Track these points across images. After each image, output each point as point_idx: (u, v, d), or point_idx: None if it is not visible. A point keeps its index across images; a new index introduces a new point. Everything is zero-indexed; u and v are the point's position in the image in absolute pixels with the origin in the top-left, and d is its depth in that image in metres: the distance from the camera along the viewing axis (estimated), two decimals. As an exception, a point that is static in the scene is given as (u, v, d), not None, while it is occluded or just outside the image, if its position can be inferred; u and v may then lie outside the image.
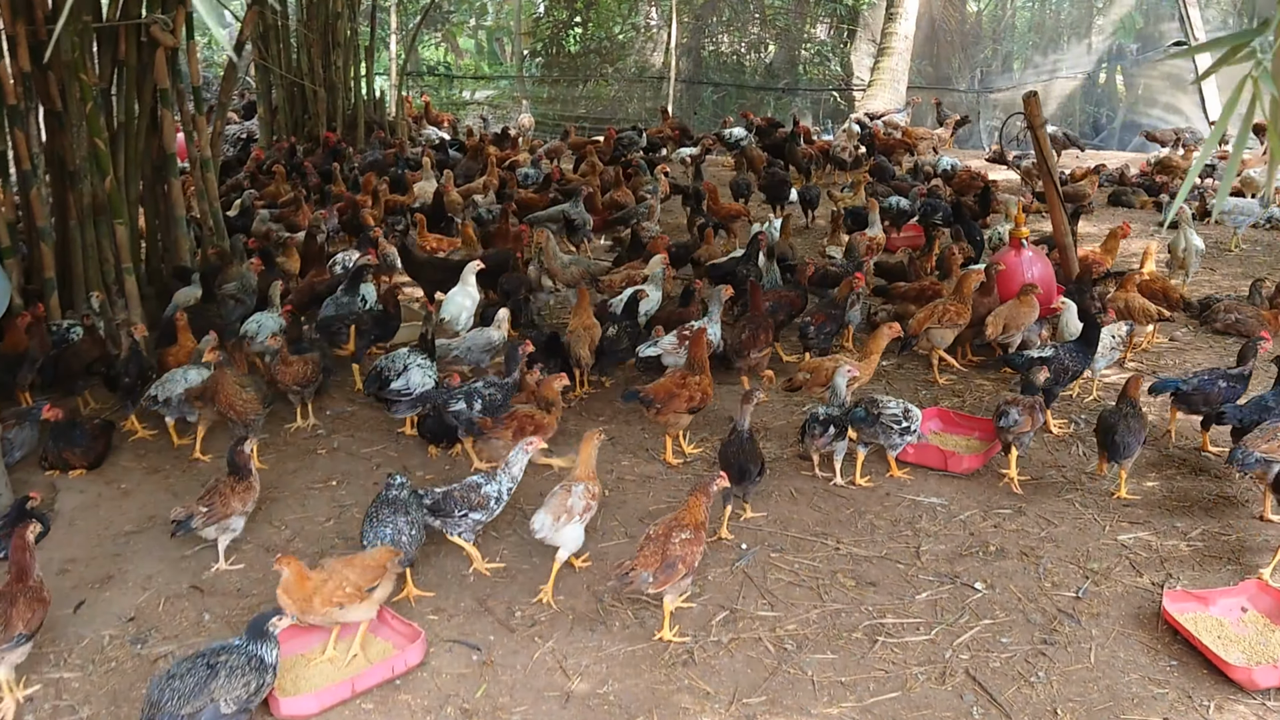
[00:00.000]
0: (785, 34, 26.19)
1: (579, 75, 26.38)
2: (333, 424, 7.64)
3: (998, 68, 24.13)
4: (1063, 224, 8.71)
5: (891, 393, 7.73)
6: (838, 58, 25.32)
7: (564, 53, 27.10)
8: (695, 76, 25.32)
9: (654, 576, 4.90)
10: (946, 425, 7.32)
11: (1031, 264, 8.59)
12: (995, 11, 25.86)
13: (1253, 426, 6.17)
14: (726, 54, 26.32)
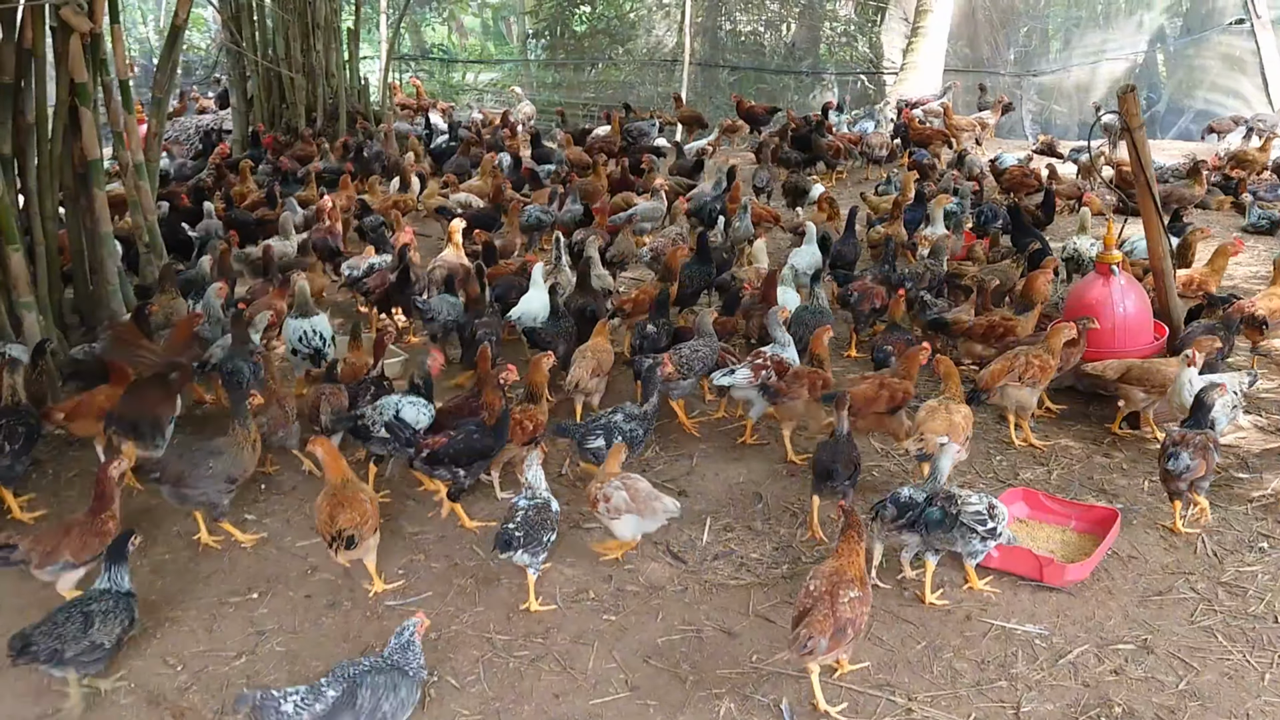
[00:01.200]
0: (808, 11, 24.45)
1: (585, 58, 24.70)
2: (266, 501, 6.16)
3: (1038, 48, 22.44)
4: (1160, 245, 7.14)
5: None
6: (866, 38, 23.58)
7: (569, 34, 25.40)
8: (711, 59, 23.62)
9: (826, 642, 4.22)
10: (1035, 511, 5.78)
11: (1124, 296, 7.03)
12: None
13: None
14: (745, 33, 24.58)
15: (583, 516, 5.83)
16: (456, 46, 31.77)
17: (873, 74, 22.79)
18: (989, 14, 22.24)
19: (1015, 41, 22.66)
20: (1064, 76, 21.23)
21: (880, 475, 6.34)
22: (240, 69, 15.53)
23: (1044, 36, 23.15)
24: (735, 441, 6.74)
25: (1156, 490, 5.95)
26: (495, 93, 24.95)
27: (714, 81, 23.54)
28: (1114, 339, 6.98)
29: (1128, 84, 7.32)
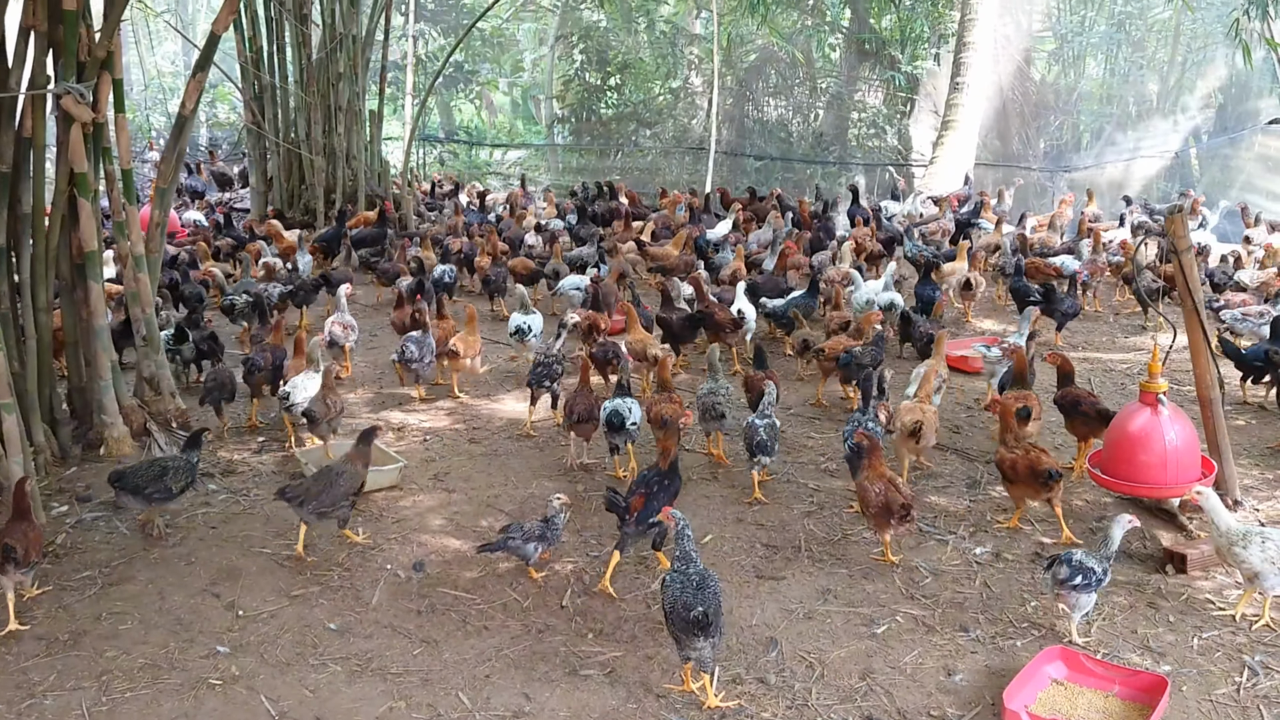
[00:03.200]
0: (836, 100, 24.30)
1: (611, 142, 24.61)
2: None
3: (1069, 142, 22.18)
4: (1208, 374, 6.69)
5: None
6: (895, 129, 23.36)
7: (596, 118, 25.33)
8: (738, 146, 23.47)
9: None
10: (1074, 672, 5.26)
11: (1170, 427, 6.57)
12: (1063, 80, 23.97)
13: None
14: (771, 121, 24.42)
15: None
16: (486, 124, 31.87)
17: (901, 165, 22.55)
18: (1020, 107, 22.03)
19: (1046, 136, 22.41)
20: (1097, 172, 20.91)
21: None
22: (261, 149, 15.40)
23: (1076, 131, 22.90)
24: (753, 575, 6.28)
25: (1208, 650, 5.44)
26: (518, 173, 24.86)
27: (740, 168, 23.36)
28: (1165, 473, 6.50)
29: (1176, 204, 6.93)
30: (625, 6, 25.63)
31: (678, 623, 4.87)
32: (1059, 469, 6.59)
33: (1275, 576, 5.53)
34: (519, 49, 31.50)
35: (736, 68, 24.32)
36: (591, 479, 7.63)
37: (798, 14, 23.11)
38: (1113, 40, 23.58)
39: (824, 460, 8.00)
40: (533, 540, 6.05)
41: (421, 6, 25.01)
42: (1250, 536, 5.58)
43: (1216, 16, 21.45)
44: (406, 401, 9.28)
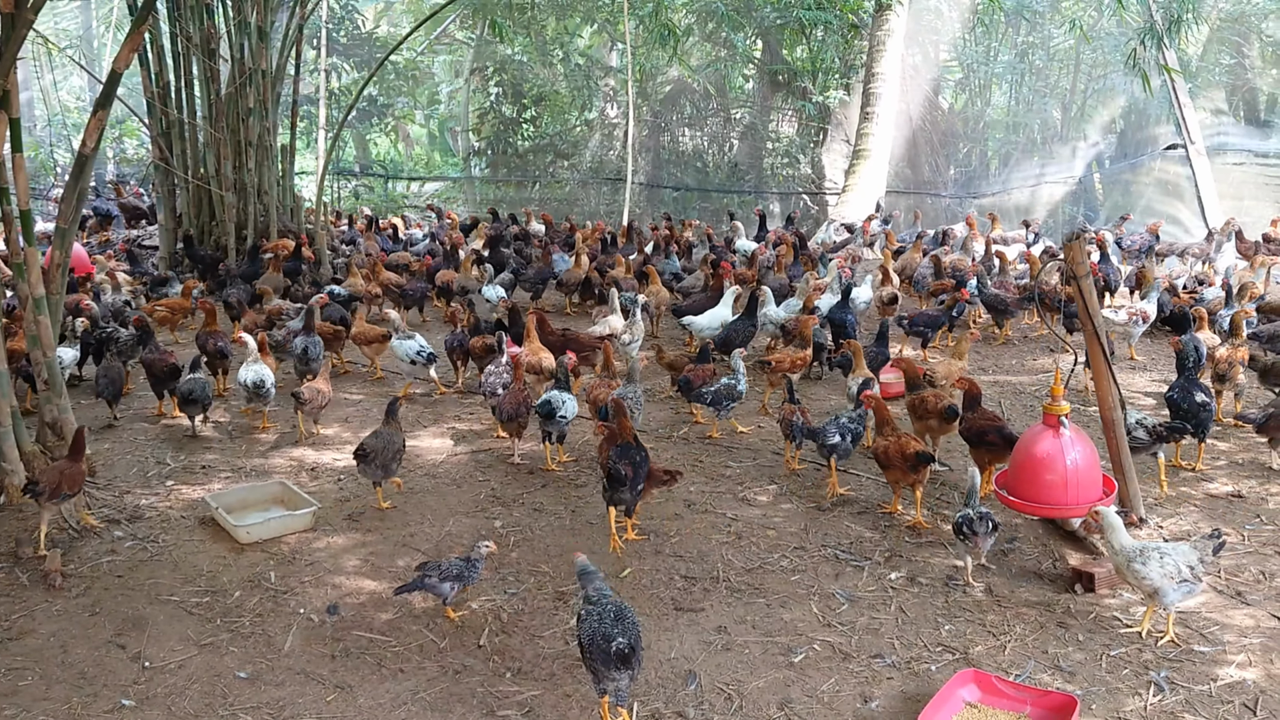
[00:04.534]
0: (750, 131, 24.61)
1: (529, 174, 24.64)
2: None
3: (978, 170, 22.72)
4: (1110, 396, 6.86)
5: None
6: (808, 158, 23.71)
7: (512, 150, 25.34)
8: (655, 177, 23.64)
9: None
10: (987, 695, 5.33)
11: (1071, 448, 6.72)
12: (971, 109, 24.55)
13: None
14: (687, 152, 24.66)
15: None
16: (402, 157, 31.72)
17: (815, 194, 22.88)
18: (929, 135, 22.50)
19: (956, 163, 22.91)
20: (1004, 198, 21.43)
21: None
22: (169, 185, 15.14)
23: (984, 158, 23.45)
24: (672, 607, 6.27)
25: (1116, 667, 5.55)
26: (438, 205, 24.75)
27: (657, 198, 23.52)
28: (1065, 493, 6.65)
29: (1074, 231, 7.13)
30: (541, 39, 25.71)
31: (598, 655, 4.83)
32: (928, 453, 7.08)
33: (1175, 592, 5.67)
34: (435, 82, 31.43)
35: (651, 99, 24.52)
36: (510, 514, 7.58)
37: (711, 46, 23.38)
38: (1016, 69, 24.22)
39: (741, 489, 8.04)
40: (449, 579, 5.99)
41: (334, 40, 24.82)
42: (1148, 553, 5.71)
43: (1114, 46, 22.18)
44: (320, 442, 9.15)
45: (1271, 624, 6.00)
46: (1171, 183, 20.48)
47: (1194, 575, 5.69)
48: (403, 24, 29.00)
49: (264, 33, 15.14)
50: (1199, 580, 5.74)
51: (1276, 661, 5.62)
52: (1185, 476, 8.23)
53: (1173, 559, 5.67)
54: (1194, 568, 5.70)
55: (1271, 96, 23.37)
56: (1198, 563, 5.72)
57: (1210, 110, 21.83)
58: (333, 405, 10.13)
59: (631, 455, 6.93)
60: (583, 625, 4.99)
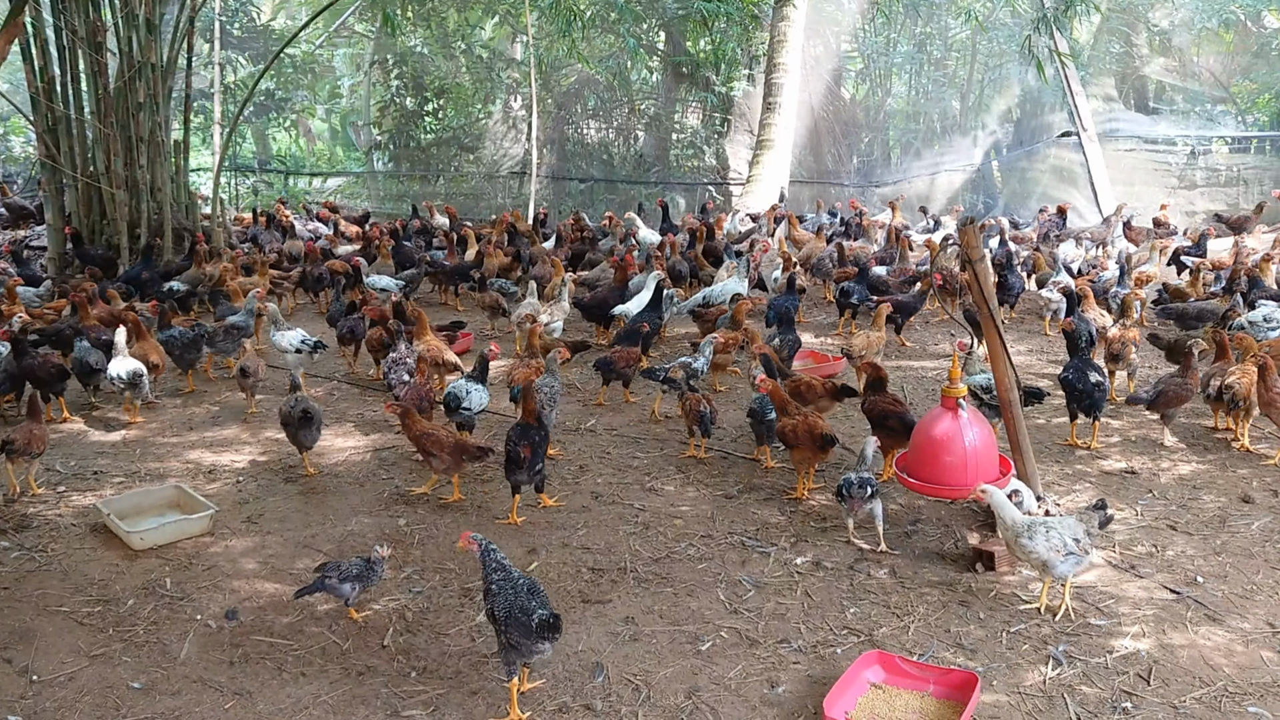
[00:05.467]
0: (655, 123, 24.63)
1: (432, 169, 24.35)
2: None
3: (879, 159, 23.02)
4: (1006, 379, 6.99)
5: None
6: (712, 149, 23.81)
7: (416, 144, 25.01)
8: (560, 169, 23.53)
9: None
10: (891, 676, 5.39)
11: (969, 429, 6.83)
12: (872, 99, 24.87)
13: None
14: (593, 144, 24.60)
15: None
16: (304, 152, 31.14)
17: (720, 184, 22.99)
18: (831, 125, 22.73)
19: (858, 152, 23.19)
20: (905, 186, 21.75)
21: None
22: (57, 184, 14.65)
23: (885, 147, 23.76)
24: (579, 600, 6.23)
25: (1016, 643, 5.66)
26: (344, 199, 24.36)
27: (564, 191, 23.43)
28: (966, 474, 6.76)
29: (968, 216, 7.25)
30: (442, 31, 25.41)
31: (518, 629, 4.86)
32: (834, 435, 7.23)
33: (1062, 564, 5.80)
34: (336, 75, 30.90)
35: (555, 91, 24.40)
36: (414, 512, 7.46)
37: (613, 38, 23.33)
38: (915, 60, 24.59)
39: (649, 479, 8.03)
40: (349, 580, 5.88)
41: (227, 33, 24.25)
42: (1035, 527, 5.85)
43: (1009, 36, 22.65)
44: (218, 443, 8.92)
45: (1163, 595, 6.17)
46: (1066, 169, 20.95)
47: (1080, 548, 5.82)
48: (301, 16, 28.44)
49: (153, 25, 14.71)
50: (1086, 553, 5.87)
51: (1169, 632, 5.77)
52: (1080, 454, 8.43)
53: (1058, 533, 5.80)
54: (1080, 540, 5.83)
55: (1159, 84, 24.04)
56: (1084, 535, 5.86)
57: (1101, 98, 22.38)
58: (233, 405, 9.93)
59: (531, 436, 7.10)
60: (496, 599, 4.99)
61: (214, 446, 8.85)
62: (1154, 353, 10.54)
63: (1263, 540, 6.87)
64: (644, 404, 9.82)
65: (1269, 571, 6.45)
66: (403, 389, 8.59)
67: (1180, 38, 23.47)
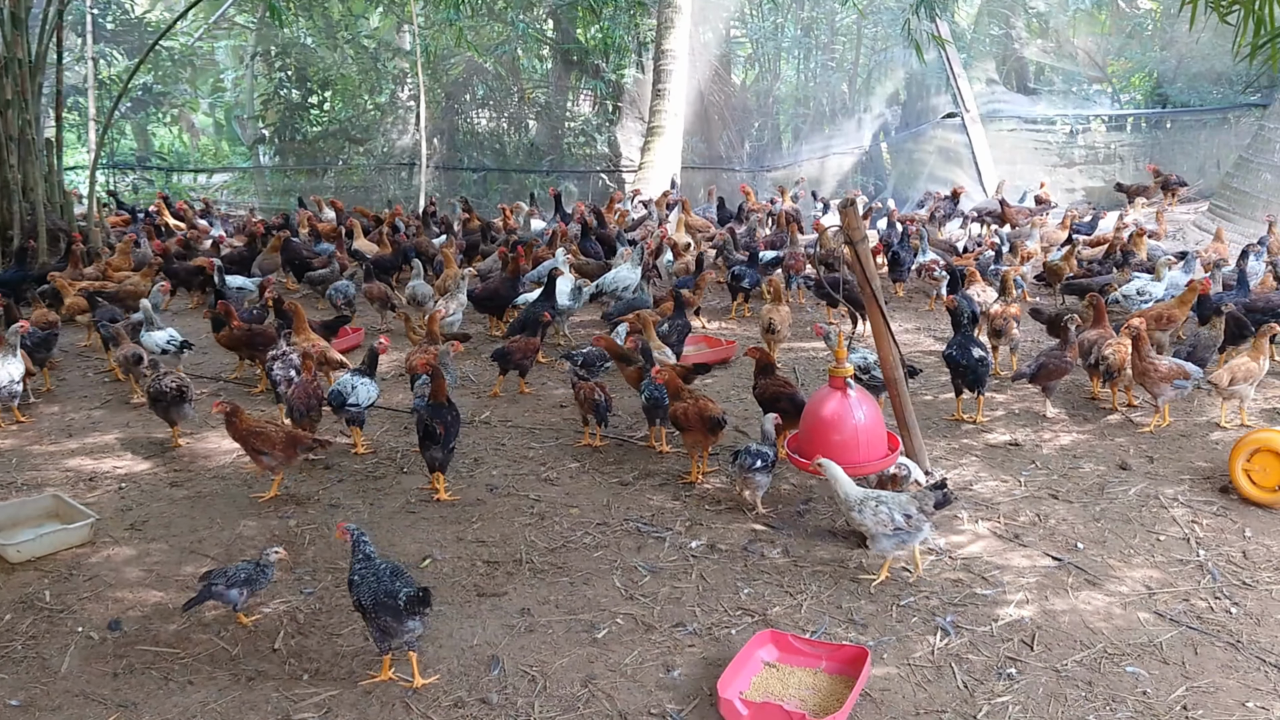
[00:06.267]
0: (547, 111, 24.52)
1: (319, 161, 23.90)
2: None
3: (769, 143, 23.24)
4: (890, 356, 7.12)
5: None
6: (604, 137, 23.79)
7: (302, 137, 24.51)
8: (450, 160, 23.28)
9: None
10: (785, 654, 5.46)
11: (858, 408, 6.94)
12: (760, 85, 25.08)
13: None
14: (484, 134, 24.39)
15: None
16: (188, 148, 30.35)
17: (612, 171, 23.00)
18: (722, 111, 22.87)
19: (749, 138, 23.38)
20: (795, 170, 22.01)
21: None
22: (-80, 186, 14.06)
23: (776, 132, 23.99)
24: (474, 594, 6.18)
25: (905, 616, 5.78)
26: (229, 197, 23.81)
27: (457, 181, 23.20)
28: (857, 452, 6.87)
29: (848, 198, 7.34)
30: (326, 21, 24.93)
31: (388, 612, 5.00)
32: (722, 418, 7.33)
33: (888, 539, 6.03)
34: (219, 68, 30.13)
35: (444, 81, 24.11)
36: (305, 513, 7.33)
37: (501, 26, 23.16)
38: (802, 44, 24.86)
39: (544, 470, 8.01)
40: (237, 585, 5.75)
41: (100, 27, 23.47)
42: (865, 501, 6.08)
43: (892, 19, 23.01)
44: (99, 450, 8.65)
45: (1045, 563, 6.36)
46: (951, 150, 21.43)
47: (910, 524, 6.01)
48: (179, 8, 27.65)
49: (19, 19, 14.15)
50: (917, 530, 6.05)
51: (1051, 598, 5.95)
52: (966, 429, 8.64)
53: (887, 508, 6.02)
54: (911, 517, 6.02)
55: (1038, 66, 24.65)
56: (916, 512, 6.05)
57: (984, 80, 22.88)
58: (113, 409, 9.65)
59: (444, 415, 7.26)
60: (360, 589, 5.09)
61: (94, 453, 8.58)
62: (1036, 327, 10.84)
63: (1139, 505, 7.13)
64: (540, 394, 9.79)
65: (1145, 535, 6.70)
66: (289, 387, 8.43)
67: (1057, 19, 24.10)
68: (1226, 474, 7.28)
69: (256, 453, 7.33)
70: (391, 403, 9.50)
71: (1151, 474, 7.65)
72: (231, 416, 7.36)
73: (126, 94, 20.48)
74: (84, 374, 10.73)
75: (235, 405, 7.42)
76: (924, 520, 6.04)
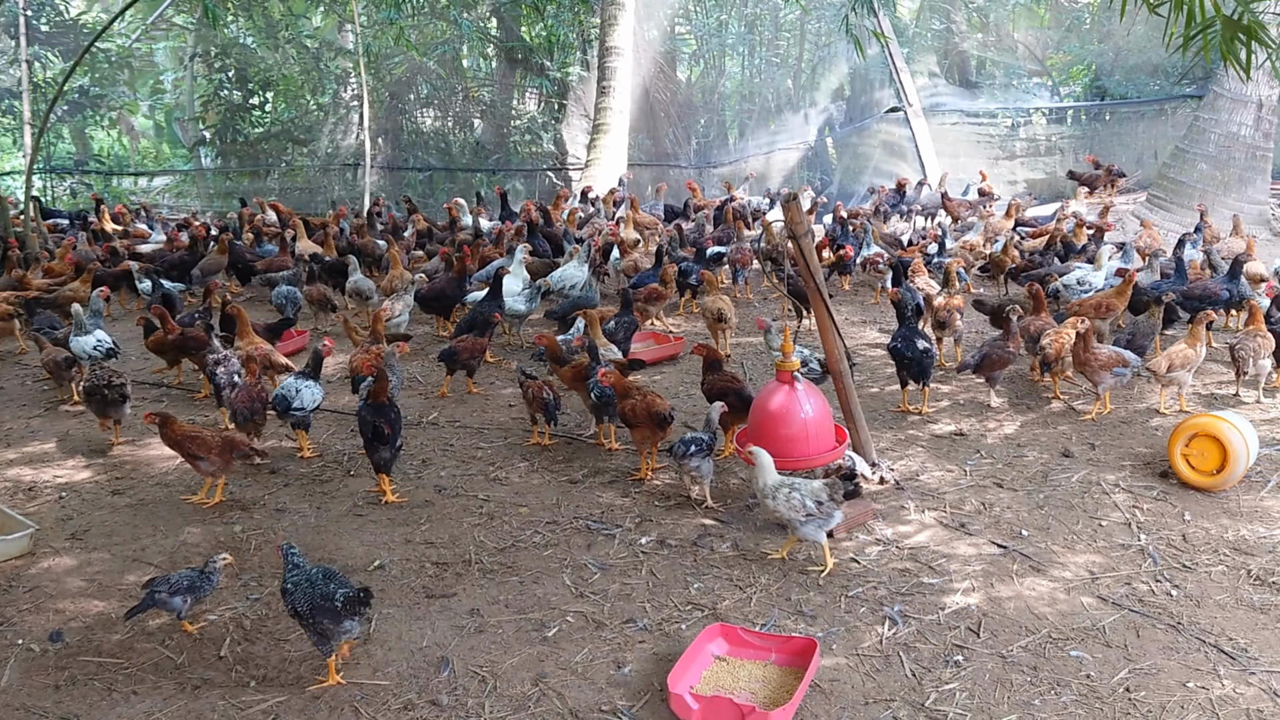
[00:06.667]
0: (492, 110, 24.41)
1: (262, 164, 23.64)
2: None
3: (715, 139, 23.31)
4: (835, 349, 7.17)
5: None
6: (550, 134, 23.73)
7: (243, 138, 24.20)
8: (395, 160, 23.11)
9: None
10: (735, 647, 5.48)
11: (805, 401, 6.98)
12: (706, 81, 25.14)
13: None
14: (429, 133, 24.23)
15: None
16: (128, 151, 29.90)
17: (559, 169, 22.96)
18: (667, 108, 22.90)
19: (696, 134, 23.43)
20: (742, 166, 22.09)
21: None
22: None
23: (722, 128, 24.06)
24: (424, 595, 6.15)
25: (853, 607, 5.82)
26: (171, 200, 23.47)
27: (402, 181, 23.04)
28: (806, 445, 6.91)
29: (791, 192, 7.39)
30: (267, 21, 24.63)
31: (326, 615, 5.05)
32: (670, 413, 7.33)
33: (803, 525, 6.16)
34: (159, 70, 29.67)
35: (387, 80, 23.92)
36: (250, 518, 7.25)
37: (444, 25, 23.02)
38: (747, 40, 24.95)
39: (493, 470, 7.98)
40: (180, 592, 5.67)
41: (34, 28, 23.05)
42: (779, 488, 6.21)
43: (835, 14, 23.13)
44: (38, 459, 8.49)
45: (991, 550, 6.44)
46: (895, 144, 21.62)
47: (821, 511, 6.14)
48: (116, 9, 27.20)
49: (-51, 21, 13.89)
50: (828, 516, 6.17)
51: (996, 585, 6.02)
52: (912, 420, 8.72)
53: (799, 495, 6.14)
54: (822, 504, 6.14)
55: (979, 60, 24.93)
56: (827, 500, 6.16)
57: (926, 74, 23.10)
58: (52, 417, 9.49)
59: (387, 414, 7.23)
60: (294, 596, 5.13)
61: (34, 463, 8.42)
62: (980, 318, 10.96)
63: (1081, 492, 7.23)
64: (488, 394, 9.75)
65: (1088, 521, 6.80)
66: (231, 390, 8.35)
67: (997, 13, 24.38)
68: (1166, 459, 7.41)
69: (193, 458, 7.25)
70: (337, 405, 9.42)
71: (1093, 461, 7.77)
72: (163, 427, 7.29)
73: (63, 97, 20.11)
74: (22, 382, 10.53)
75: (166, 415, 7.34)
76: (834, 508, 6.18)
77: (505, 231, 14.27)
